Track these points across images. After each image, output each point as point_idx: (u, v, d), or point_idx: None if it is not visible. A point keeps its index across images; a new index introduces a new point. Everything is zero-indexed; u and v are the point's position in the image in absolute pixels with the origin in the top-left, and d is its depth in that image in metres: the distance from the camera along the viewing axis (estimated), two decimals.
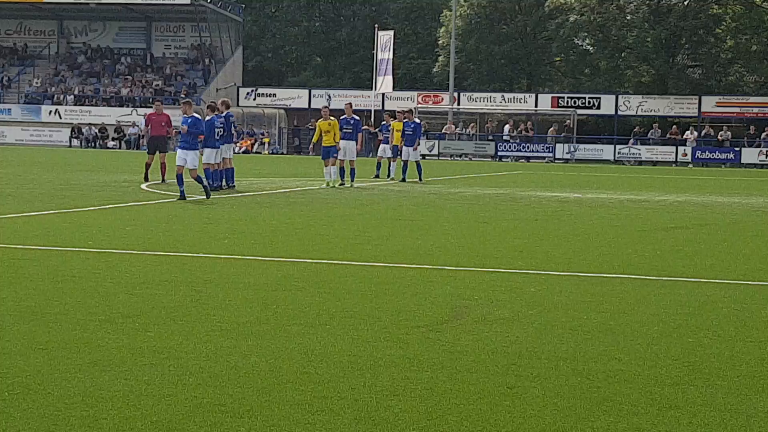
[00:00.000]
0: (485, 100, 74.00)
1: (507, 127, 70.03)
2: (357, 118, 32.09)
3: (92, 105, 74.36)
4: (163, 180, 29.82)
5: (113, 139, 71.04)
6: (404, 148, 35.34)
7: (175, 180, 24.09)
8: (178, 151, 23.95)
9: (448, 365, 7.78)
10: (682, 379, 7.55)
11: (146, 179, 30.17)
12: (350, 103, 33.61)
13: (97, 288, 10.77)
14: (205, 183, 24.00)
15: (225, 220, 19.04)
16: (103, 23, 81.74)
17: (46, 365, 7.45)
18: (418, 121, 37.16)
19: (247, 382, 7.14)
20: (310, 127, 64.37)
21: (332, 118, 30.48)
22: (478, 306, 10.29)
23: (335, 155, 30.26)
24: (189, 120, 23.71)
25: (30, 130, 72.65)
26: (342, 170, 30.87)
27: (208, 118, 27.56)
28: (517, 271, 12.94)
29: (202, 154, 25.58)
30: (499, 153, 67.52)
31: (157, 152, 30.61)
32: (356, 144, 31.58)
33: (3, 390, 6.79)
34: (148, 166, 30.87)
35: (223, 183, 27.56)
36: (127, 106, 72.97)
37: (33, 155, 51.75)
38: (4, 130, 72.31)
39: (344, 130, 31.13)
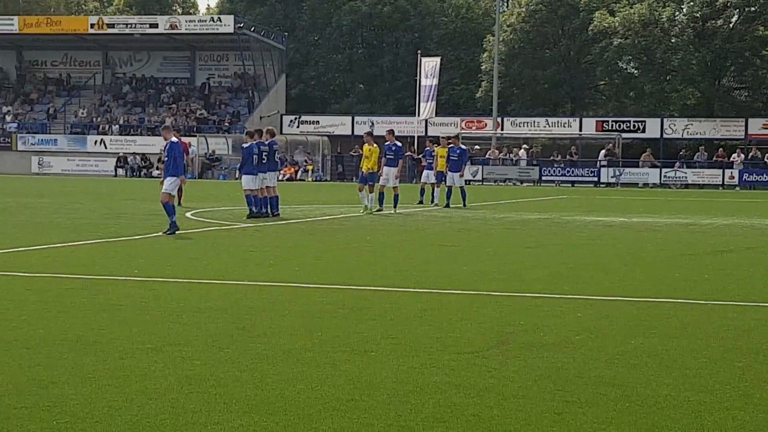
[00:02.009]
0: (529, 124, 73.85)
1: (554, 153, 69.92)
2: (399, 144, 32.07)
3: (137, 134, 74.86)
4: (179, 203, 29.87)
5: (158, 168, 71.41)
6: (449, 173, 35.31)
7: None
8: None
9: (494, 391, 7.73)
10: (733, 405, 7.47)
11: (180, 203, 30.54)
12: (392, 130, 33.60)
13: (143, 317, 10.80)
14: (172, 219, 21.92)
15: (269, 248, 19.07)
16: (148, 53, 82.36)
17: (94, 394, 7.47)
18: (463, 147, 37.11)
19: (293, 410, 7.13)
20: (354, 153, 64.45)
21: (374, 144, 30.51)
22: (523, 332, 10.24)
23: (371, 182, 30.19)
24: (167, 146, 22.81)
25: (76, 160, 73.21)
26: (381, 196, 30.81)
27: (246, 144, 27.69)
28: (563, 296, 12.86)
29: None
30: (544, 178, 67.32)
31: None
32: (397, 170, 31.47)
33: (51, 419, 6.82)
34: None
35: (268, 210, 27.57)
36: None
37: (79, 185, 52.12)
38: (50, 160, 72.91)
39: (386, 156, 31.13)
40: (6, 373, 8.07)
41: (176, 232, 21.28)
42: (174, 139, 22.70)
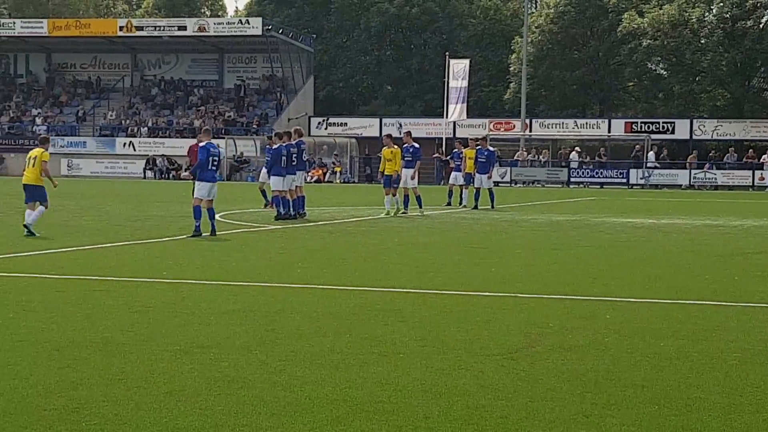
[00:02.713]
0: (558, 126, 73.68)
1: (574, 154, 69.77)
2: (417, 145, 31.95)
3: (165, 137, 75.07)
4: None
5: (186, 170, 71.54)
6: (477, 175, 35.25)
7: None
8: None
9: (523, 393, 7.71)
10: (763, 407, 7.42)
11: None
12: (409, 132, 33.52)
13: (171, 319, 10.83)
14: (203, 222, 21.91)
15: (297, 250, 19.08)
16: (176, 56, 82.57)
17: (123, 396, 7.49)
18: (492, 149, 37.03)
19: (321, 412, 7.12)
20: (380, 155, 64.42)
21: (395, 146, 30.47)
22: (552, 333, 10.20)
23: (395, 185, 30.16)
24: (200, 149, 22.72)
25: (105, 163, 73.47)
26: (407, 198, 30.77)
27: (275, 146, 27.73)
28: (592, 298, 12.82)
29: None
30: (572, 179, 67.15)
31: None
32: (414, 171, 31.29)
33: (80, 421, 6.84)
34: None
35: (291, 210, 27.51)
36: (197, 138, 73.47)
37: (108, 187, 52.33)
38: (79, 162, 73.20)
39: (404, 158, 31.06)
40: (35, 374, 8.10)
41: (198, 236, 21.29)
42: (204, 143, 22.63)
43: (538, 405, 7.38)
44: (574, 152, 70.00)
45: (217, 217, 27.14)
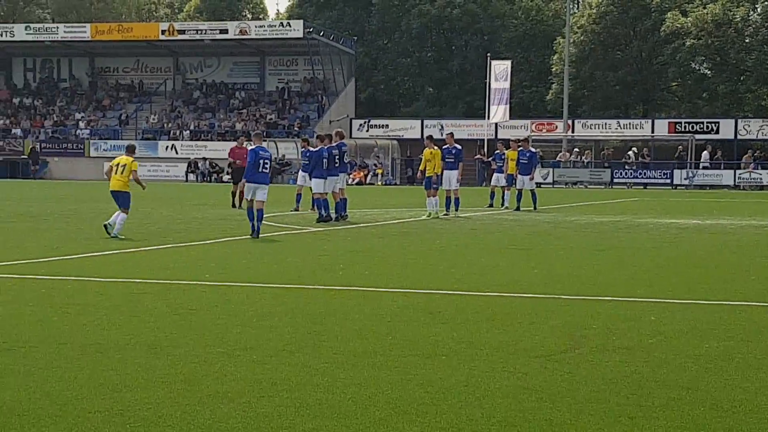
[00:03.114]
0: (600, 126, 73.37)
1: (630, 153, 69.31)
2: (459, 147, 31.79)
3: (207, 140, 75.36)
4: (240, 206, 32.16)
5: (228, 173, 71.79)
6: (519, 176, 35.13)
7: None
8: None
9: (567, 395, 7.67)
10: None
11: (234, 206, 33.29)
12: (452, 133, 33.36)
13: (214, 321, 10.85)
14: (254, 224, 22.22)
15: (339, 252, 19.08)
16: (218, 59, 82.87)
17: (167, 398, 7.50)
18: (534, 150, 36.89)
19: (363, 414, 7.11)
20: (421, 157, 64.36)
21: (435, 147, 30.38)
22: (596, 335, 10.15)
23: (435, 186, 30.08)
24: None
25: (147, 166, 73.62)
26: (448, 200, 30.70)
27: (316, 148, 27.77)
28: (636, 299, 12.74)
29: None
30: (615, 180, 66.85)
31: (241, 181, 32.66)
32: (458, 173, 31.18)
33: (125, 423, 6.86)
34: (234, 194, 33.89)
35: (332, 213, 27.52)
36: (237, 141, 73.58)
37: (150, 190, 52.51)
38: None
39: (446, 160, 30.91)
40: (80, 377, 8.14)
41: (255, 238, 21.54)
42: (253, 146, 22.87)
43: (583, 407, 7.34)
44: (630, 152, 69.43)
45: None
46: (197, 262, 16.95)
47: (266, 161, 22.59)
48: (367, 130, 77.18)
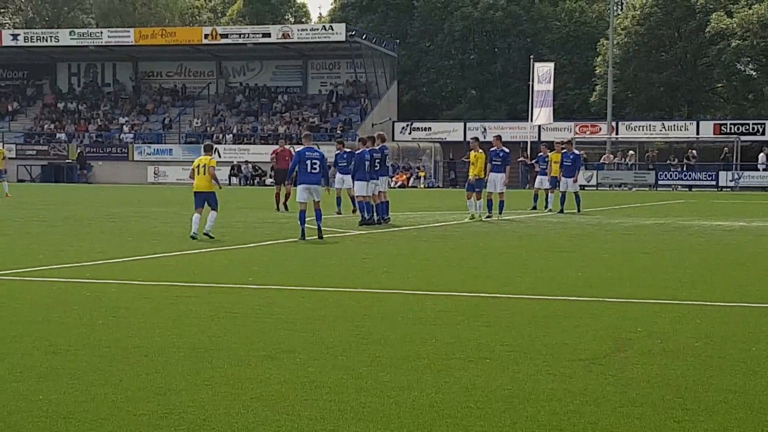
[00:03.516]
0: (644, 128, 73.00)
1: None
2: (506, 150, 31.64)
3: (250, 143, 75.58)
4: (285, 208, 33.18)
5: (270, 176, 71.98)
6: (563, 179, 34.98)
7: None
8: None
9: (612, 399, 7.62)
10: None
11: (278, 209, 33.71)
12: (499, 136, 33.18)
13: (258, 324, 10.86)
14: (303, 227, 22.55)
15: (382, 255, 19.07)
16: (261, 62, 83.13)
17: (211, 401, 7.52)
18: (577, 152, 36.72)
19: (407, 417, 7.09)
20: (465, 159, 64.30)
21: (480, 150, 30.24)
22: (641, 338, 10.08)
23: (478, 189, 29.96)
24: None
25: (190, 170, 74.05)
26: (490, 202, 30.54)
27: (358, 151, 27.80)
28: (682, 302, 12.64)
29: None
30: (660, 182, 66.49)
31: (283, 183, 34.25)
32: (504, 176, 31.06)
33: (169, 426, 6.88)
34: (277, 196, 34.46)
35: (374, 216, 27.50)
36: (279, 143, 73.66)
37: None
38: (165, 170, 73.98)
39: (493, 162, 30.80)
40: (125, 380, 8.17)
41: (302, 239, 21.84)
42: (301, 148, 23.23)
43: (628, 410, 7.29)
44: (690, 152, 68.77)
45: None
46: (240, 266, 16.99)
47: (315, 161, 22.79)
48: (410, 133, 77.19)
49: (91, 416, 7.12)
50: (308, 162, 22.73)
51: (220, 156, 73.27)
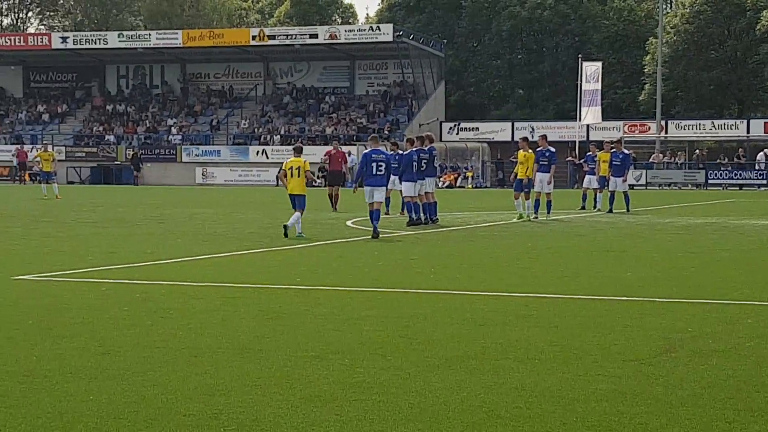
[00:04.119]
0: (694, 127, 72.52)
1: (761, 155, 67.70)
2: (552, 149, 31.43)
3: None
4: (335, 209, 34.13)
5: (318, 177, 72.14)
6: (612, 178, 34.78)
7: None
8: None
9: (662, 399, 7.56)
10: None
11: (335, 209, 34.45)
12: (545, 135, 33.01)
13: (306, 324, 10.87)
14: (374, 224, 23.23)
15: (430, 255, 19.05)
16: (308, 63, 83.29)
17: (260, 401, 7.53)
18: (626, 151, 36.50)
19: (457, 418, 7.07)
20: (513, 159, 64.13)
21: (530, 150, 30.09)
22: (692, 338, 10.00)
23: (527, 189, 29.84)
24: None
25: (238, 171, 74.42)
26: (537, 203, 30.36)
27: (406, 152, 27.79)
28: (733, 302, 12.54)
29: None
30: (710, 181, 66.02)
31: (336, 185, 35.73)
32: (550, 176, 30.88)
33: (219, 427, 6.90)
34: (330, 196, 35.28)
35: (422, 216, 27.48)
36: (332, 144, 73.81)
37: (241, 195, 53.01)
38: (213, 171, 74.30)
39: (540, 162, 30.61)
40: (174, 380, 8.20)
41: (376, 238, 22.37)
42: (367, 150, 24.06)
43: (679, 411, 7.23)
44: (762, 153, 67.98)
45: (348, 223, 27.40)
46: (288, 266, 17.02)
47: (380, 163, 23.54)
48: (457, 133, 77.12)
49: (141, 416, 7.15)
50: (374, 164, 23.44)
51: (267, 157, 73.69)
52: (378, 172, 23.45)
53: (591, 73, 68.68)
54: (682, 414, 7.16)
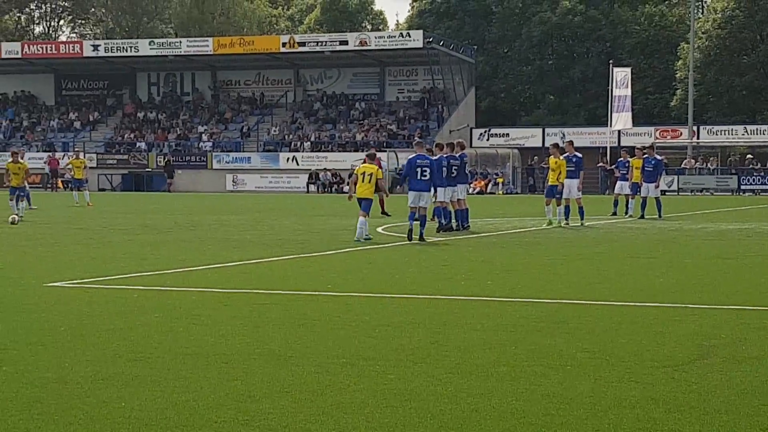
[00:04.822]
0: (726, 132, 72.16)
1: None
2: (579, 155, 31.37)
3: (328, 151, 75.81)
4: (384, 213, 34.12)
5: (348, 183, 72.17)
6: (644, 184, 34.66)
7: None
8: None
9: (696, 406, 7.51)
10: None
11: (384, 213, 34.13)
12: (571, 141, 32.90)
13: (337, 331, 10.87)
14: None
15: (461, 261, 19.02)
16: (338, 70, 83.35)
17: (292, 408, 7.53)
18: (659, 157, 36.36)
19: (488, 424, 7.05)
20: (544, 165, 64.02)
21: (561, 156, 30.01)
22: (725, 345, 9.94)
23: (558, 195, 29.75)
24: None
25: (269, 177, 74.53)
26: (567, 209, 30.23)
27: (435, 157, 27.78)
28: (765, 308, 12.46)
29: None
30: (742, 187, 65.68)
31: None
32: (578, 182, 30.81)
33: None
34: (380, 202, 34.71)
35: (453, 223, 27.43)
36: (362, 151, 73.88)
37: (272, 202, 53.11)
38: (244, 177, 74.44)
39: (567, 168, 30.48)
40: (206, 386, 8.21)
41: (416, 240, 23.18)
42: (413, 155, 24.57)
43: (712, 418, 7.18)
44: None
45: (378, 230, 27.38)
46: (319, 273, 17.03)
47: (425, 168, 24.13)
48: (488, 139, 77.02)
49: (173, 423, 7.16)
50: (419, 169, 24.08)
51: (297, 164, 73.82)
52: (423, 177, 24.06)
53: (621, 78, 68.47)
54: (716, 421, 7.11)
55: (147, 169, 77.06)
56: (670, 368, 8.84)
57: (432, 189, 25.07)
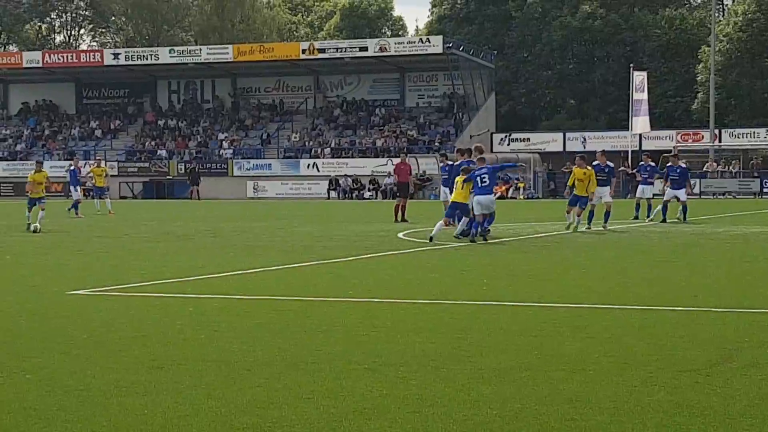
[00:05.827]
0: (748, 135, 71.89)
1: None
2: (611, 165, 31.30)
3: (348, 157, 75.86)
4: (404, 219, 34.73)
5: (369, 189, 72.21)
6: (669, 190, 34.60)
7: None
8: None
9: (719, 410, 7.47)
10: None
11: (396, 220, 34.77)
12: (603, 151, 32.78)
13: (358, 337, 10.85)
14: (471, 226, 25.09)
15: (482, 266, 18.99)
16: (358, 76, 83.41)
17: (313, 414, 7.52)
18: (683, 165, 36.27)
19: (511, 429, 7.03)
20: (565, 170, 63.84)
21: (588, 167, 29.68)
22: (749, 348, 9.89)
23: (583, 206, 29.55)
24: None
25: (289, 184, 74.62)
26: (591, 213, 30.02)
27: (456, 162, 27.83)
28: None
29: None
30: (765, 190, 65.41)
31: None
32: (610, 189, 30.77)
33: None
34: (396, 208, 35.71)
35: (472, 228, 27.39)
36: (382, 157, 73.97)
37: (292, 208, 53.16)
38: (265, 184, 74.54)
39: (598, 177, 30.31)
40: (228, 393, 8.20)
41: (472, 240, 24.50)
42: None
43: (737, 423, 7.15)
44: None
45: (400, 235, 27.37)
46: (340, 279, 17.02)
47: (484, 176, 25.23)
48: (508, 144, 76.95)
49: (195, 430, 7.16)
50: (478, 178, 25.10)
51: (318, 170, 73.87)
52: (483, 184, 25.05)
53: (639, 82, 68.36)
54: (739, 425, 7.08)
55: (168, 177, 77.25)
56: (694, 372, 8.80)
57: (493, 193, 25.97)
